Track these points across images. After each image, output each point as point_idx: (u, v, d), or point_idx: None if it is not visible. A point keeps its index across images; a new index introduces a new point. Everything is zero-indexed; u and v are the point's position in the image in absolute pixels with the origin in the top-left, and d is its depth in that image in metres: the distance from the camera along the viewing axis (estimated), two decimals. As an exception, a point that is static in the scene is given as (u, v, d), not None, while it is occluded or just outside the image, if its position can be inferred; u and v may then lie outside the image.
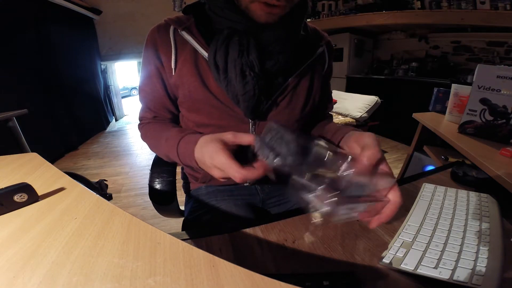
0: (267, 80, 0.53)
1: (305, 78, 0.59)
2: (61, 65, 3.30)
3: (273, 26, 0.49)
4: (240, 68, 0.49)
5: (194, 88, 0.54)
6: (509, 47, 2.77)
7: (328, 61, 0.64)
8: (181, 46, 0.54)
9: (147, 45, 0.56)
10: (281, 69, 0.53)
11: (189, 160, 0.46)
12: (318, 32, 0.64)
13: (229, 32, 0.49)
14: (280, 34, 0.50)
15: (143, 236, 0.32)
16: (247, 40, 0.49)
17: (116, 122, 4.90)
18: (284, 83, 0.56)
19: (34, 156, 0.60)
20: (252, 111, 0.53)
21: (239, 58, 0.48)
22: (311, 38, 0.61)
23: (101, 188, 1.85)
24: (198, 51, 0.53)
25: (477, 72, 0.85)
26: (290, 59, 0.53)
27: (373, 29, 3.89)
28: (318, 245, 0.41)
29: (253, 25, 0.49)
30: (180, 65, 0.54)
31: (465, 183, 0.61)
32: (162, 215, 0.77)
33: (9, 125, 1.79)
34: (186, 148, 0.47)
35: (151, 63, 0.56)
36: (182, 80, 0.54)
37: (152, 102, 0.60)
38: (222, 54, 0.49)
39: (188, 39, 0.53)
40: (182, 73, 0.54)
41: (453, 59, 3.29)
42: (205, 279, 0.26)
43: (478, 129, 0.89)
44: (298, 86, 0.58)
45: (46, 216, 0.36)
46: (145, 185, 0.61)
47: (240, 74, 0.49)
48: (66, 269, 0.27)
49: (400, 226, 0.44)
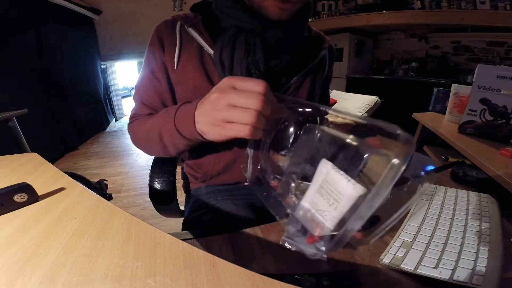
0: (271, 80, 0.53)
1: (307, 80, 0.59)
2: (61, 65, 3.30)
3: (279, 26, 0.49)
4: (246, 66, 0.49)
5: (199, 84, 0.54)
6: (509, 47, 2.77)
7: (328, 66, 0.65)
8: (187, 43, 0.54)
9: (152, 39, 0.56)
10: (284, 69, 0.54)
11: (187, 128, 0.41)
12: (321, 36, 0.65)
13: (236, 30, 0.49)
14: (286, 33, 0.50)
15: (143, 236, 0.32)
16: (253, 39, 0.49)
17: (116, 122, 4.90)
18: (287, 83, 0.56)
19: (34, 156, 0.60)
20: None
21: (245, 57, 0.49)
22: (314, 41, 0.61)
23: (101, 188, 1.86)
24: (204, 48, 0.53)
25: (477, 72, 0.85)
26: (293, 60, 0.54)
27: (373, 29, 3.90)
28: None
29: (260, 24, 0.49)
30: (184, 61, 0.54)
31: (465, 183, 0.61)
32: (162, 215, 0.77)
33: (9, 125, 1.79)
34: (185, 113, 0.42)
35: (157, 57, 0.55)
36: (186, 76, 0.54)
37: (150, 98, 0.58)
38: (228, 52, 0.49)
39: (195, 35, 0.53)
40: (187, 69, 0.54)
41: (453, 59, 3.29)
42: (205, 279, 0.26)
43: (478, 129, 0.89)
44: (300, 87, 0.58)
45: (46, 216, 0.36)
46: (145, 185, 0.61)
47: (246, 73, 0.49)
48: (66, 269, 0.27)
49: (400, 226, 0.44)
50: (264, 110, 0.33)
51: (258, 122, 0.34)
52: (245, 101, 0.33)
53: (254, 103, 0.33)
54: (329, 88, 0.70)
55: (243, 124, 0.34)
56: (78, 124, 3.53)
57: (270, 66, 0.51)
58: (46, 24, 3.03)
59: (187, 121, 0.41)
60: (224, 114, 0.35)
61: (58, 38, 3.25)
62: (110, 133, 4.22)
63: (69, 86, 3.43)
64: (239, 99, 0.33)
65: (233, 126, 0.35)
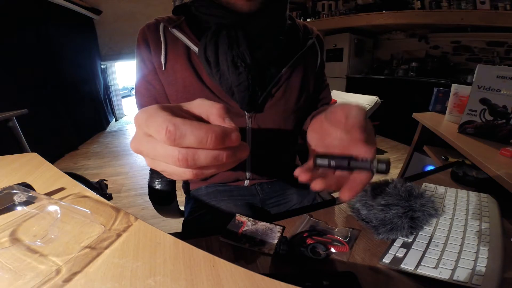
0: (260, 72, 0.53)
1: (298, 70, 0.59)
2: (61, 65, 3.30)
3: (257, 17, 0.50)
4: (231, 59, 0.49)
5: (189, 83, 0.54)
6: (509, 47, 2.77)
7: (320, 55, 0.65)
8: (172, 43, 0.54)
9: (139, 44, 0.56)
10: (271, 59, 0.54)
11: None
12: (307, 27, 0.65)
13: (217, 27, 0.50)
14: (265, 23, 0.51)
15: (143, 236, 0.32)
16: (235, 33, 0.49)
17: (116, 122, 4.90)
18: (278, 74, 0.56)
19: (34, 156, 0.60)
20: (248, 103, 0.53)
21: (230, 50, 0.49)
22: (301, 31, 0.61)
23: (101, 188, 1.85)
24: (190, 47, 0.53)
25: (477, 72, 0.85)
26: (280, 49, 0.54)
27: (373, 29, 3.89)
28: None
29: (239, 17, 0.49)
30: (172, 61, 0.54)
31: (465, 183, 0.61)
32: (162, 215, 0.77)
33: (9, 125, 1.79)
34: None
35: (146, 60, 0.55)
36: (175, 76, 0.54)
37: (148, 103, 0.58)
38: (212, 48, 0.49)
39: (179, 36, 0.53)
40: (176, 69, 0.54)
41: (453, 59, 3.29)
42: (205, 279, 0.26)
43: (478, 129, 0.89)
44: (291, 77, 0.58)
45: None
46: (145, 185, 0.61)
47: (232, 66, 0.49)
48: (66, 269, 0.27)
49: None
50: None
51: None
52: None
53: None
54: (324, 76, 0.69)
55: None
56: (78, 124, 3.53)
57: (257, 58, 0.51)
58: (46, 24, 3.04)
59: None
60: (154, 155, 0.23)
61: (58, 38, 3.25)
62: (110, 133, 4.22)
63: (69, 86, 3.43)
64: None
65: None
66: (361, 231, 0.45)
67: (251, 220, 0.48)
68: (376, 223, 0.42)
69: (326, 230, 0.45)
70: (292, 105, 0.59)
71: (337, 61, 4.02)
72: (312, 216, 0.49)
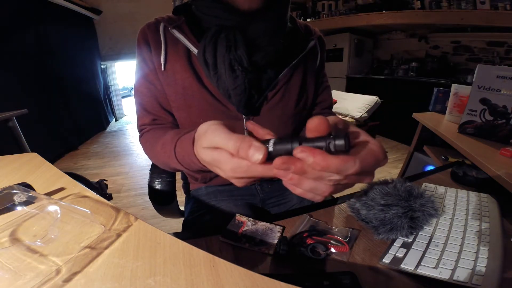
0: (258, 75, 0.53)
1: (297, 73, 0.59)
2: (61, 65, 3.30)
3: (258, 18, 0.49)
4: (228, 63, 0.49)
5: (188, 84, 0.54)
6: (509, 47, 2.77)
7: (320, 55, 0.64)
8: (172, 44, 0.54)
9: (139, 44, 0.55)
10: (270, 62, 0.53)
11: (194, 165, 0.37)
12: (308, 27, 0.64)
13: (217, 29, 0.50)
14: (266, 25, 0.50)
15: (143, 236, 0.32)
16: (234, 36, 0.49)
17: (116, 122, 4.90)
18: (276, 78, 0.55)
19: (34, 156, 0.60)
20: (244, 106, 0.53)
21: (227, 53, 0.49)
22: (302, 33, 0.61)
23: (101, 188, 1.85)
24: (190, 48, 0.53)
25: (477, 72, 0.85)
26: (279, 52, 0.53)
27: (373, 29, 3.89)
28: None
29: (240, 19, 0.49)
30: (172, 62, 0.54)
31: (465, 183, 0.61)
32: (162, 215, 0.77)
33: (9, 125, 1.79)
34: (184, 150, 0.39)
35: (146, 59, 0.55)
36: (175, 77, 0.54)
37: (149, 103, 0.58)
38: (210, 50, 0.49)
39: (179, 37, 0.53)
40: (175, 70, 0.54)
41: (453, 59, 3.29)
42: (205, 279, 0.26)
43: (478, 129, 0.89)
44: (290, 81, 0.58)
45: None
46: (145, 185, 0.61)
47: (229, 69, 0.49)
48: (66, 269, 0.27)
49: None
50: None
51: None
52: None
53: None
54: (324, 76, 0.68)
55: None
56: (78, 124, 3.53)
57: (255, 61, 0.51)
58: (46, 24, 3.03)
59: (194, 165, 0.38)
60: (225, 173, 0.29)
61: (58, 38, 3.25)
62: (110, 133, 4.22)
63: (69, 86, 3.43)
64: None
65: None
66: (361, 231, 0.45)
67: (251, 220, 0.48)
68: (376, 223, 0.42)
69: (326, 230, 0.45)
70: (291, 109, 0.59)
71: (337, 61, 4.02)
72: (312, 216, 0.49)
